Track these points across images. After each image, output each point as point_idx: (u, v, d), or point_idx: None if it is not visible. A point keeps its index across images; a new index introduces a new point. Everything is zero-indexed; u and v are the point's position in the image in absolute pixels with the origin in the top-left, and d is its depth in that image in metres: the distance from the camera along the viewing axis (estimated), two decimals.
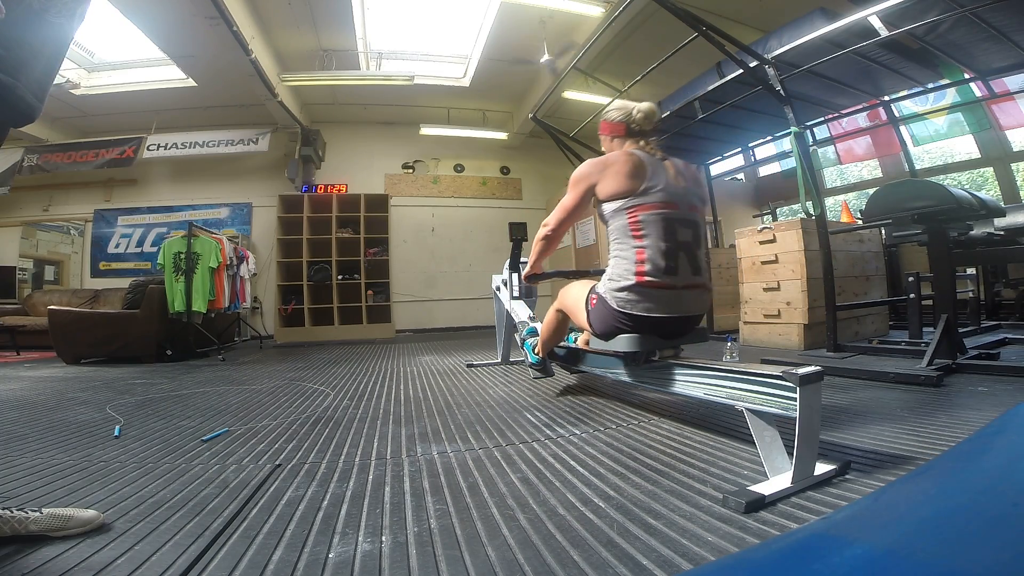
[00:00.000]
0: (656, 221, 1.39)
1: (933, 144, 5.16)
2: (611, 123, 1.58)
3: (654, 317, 1.42)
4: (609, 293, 1.45)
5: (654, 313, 1.41)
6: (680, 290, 1.42)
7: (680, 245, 1.41)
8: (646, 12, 4.05)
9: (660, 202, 1.40)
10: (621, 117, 1.56)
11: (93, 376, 3.17)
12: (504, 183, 7.58)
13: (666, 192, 1.42)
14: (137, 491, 1.12)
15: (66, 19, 0.88)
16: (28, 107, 0.84)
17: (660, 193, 1.41)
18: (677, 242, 1.41)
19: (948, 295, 2.30)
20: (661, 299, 1.41)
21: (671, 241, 1.40)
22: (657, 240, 1.39)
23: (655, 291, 1.39)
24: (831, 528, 0.45)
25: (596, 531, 0.86)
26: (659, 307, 1.41)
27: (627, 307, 1.42)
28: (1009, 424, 0.59)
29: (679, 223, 1.42)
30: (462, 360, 3.41)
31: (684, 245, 1.42)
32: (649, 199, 1.40)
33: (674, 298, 1.42)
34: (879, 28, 2.78)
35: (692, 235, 1.45)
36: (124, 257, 6.46)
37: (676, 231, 1.41)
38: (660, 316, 1.42)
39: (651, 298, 1.40)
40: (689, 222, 1.45)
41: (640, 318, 1.42)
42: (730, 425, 1.47)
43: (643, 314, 1.41)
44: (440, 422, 1.72)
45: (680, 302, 1.43)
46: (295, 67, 5.38)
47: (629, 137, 1.56)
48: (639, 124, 1.55)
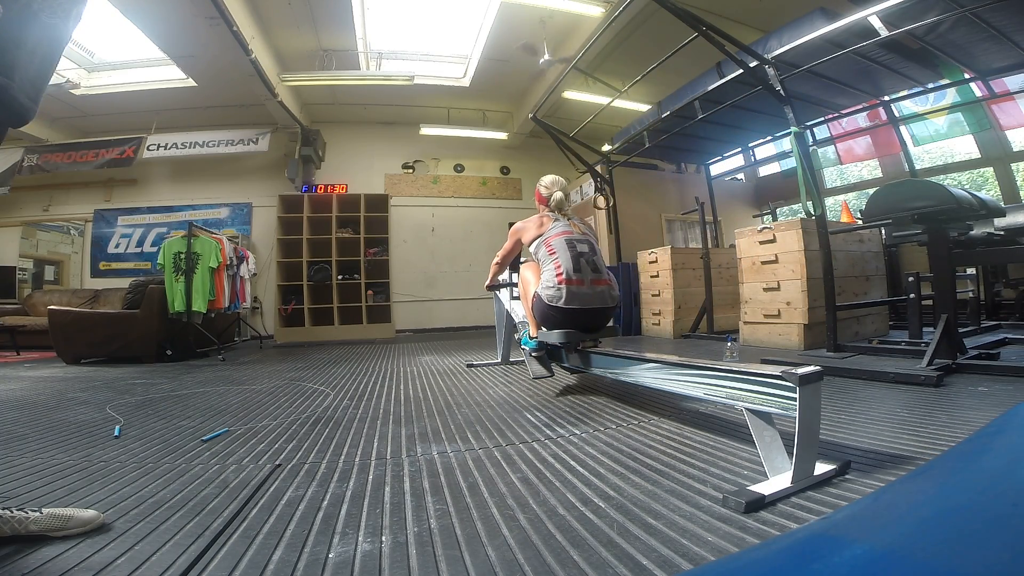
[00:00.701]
0: (560, 243, 2.05)
1: (933, 144, 5.16)
2: (539, 195, 2.30)
3: (572, 308, 1.96)
4: (543, 292, 2.02)
5: (572, 304, 1.96)
6: (589, 285, 1.99)
7: (580, 255, 2.03)
8: (646, 12, 4.05)
9: (560, 232, 2.09)
10: (546, 195, 2.27)
11: (93, 376, 3.17)
12: (504, 183, 7.58)
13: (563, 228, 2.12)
14: (137, 491, 1.12)
15: (62, 19, 0.87)
16: (22, 108, 0.84)
17: (559, 228, 2.11)
18: (578, 252, 2.03)
19: (948, 295, 2.30)
20: (576, 294, 1.96)
21: (573, 251, 2.03)
22: (565, 253, 2.02)
23: (571, 287, 1.96)
24: (831, 528, 0.45)
25: (596, 531, 0.86)
26: (575, 300, 1.96)
27: (554, 301, 1.98)
28: (1009, 424, 0.59)
29: (577, 242, 2.07)
30: (462, 360, 3.41)
31: (583, 254, 2.04)
32: (553, 232, 2.11)
33: (585, 293, 1.98)
34: (879, 28, 2.78)
35: (588, 248, 2.08)
36: (124, 257, 6.46)
37: (576, 246, 2.05)
38: (576, 307, 1.96)
39: (569, 293, 1.95)
40: (583, 241, 2.09)
41: (563, 309, 1.97)
42: (730, 425, 1.47)
43: (565, 306, 1.96)
44: (440, 422, 1.72)
45: (589, 296, 1.98)
46: (295, 67, 5.38)
47: (547, 207, 2.26)
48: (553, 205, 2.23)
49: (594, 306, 1.99)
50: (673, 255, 4.45)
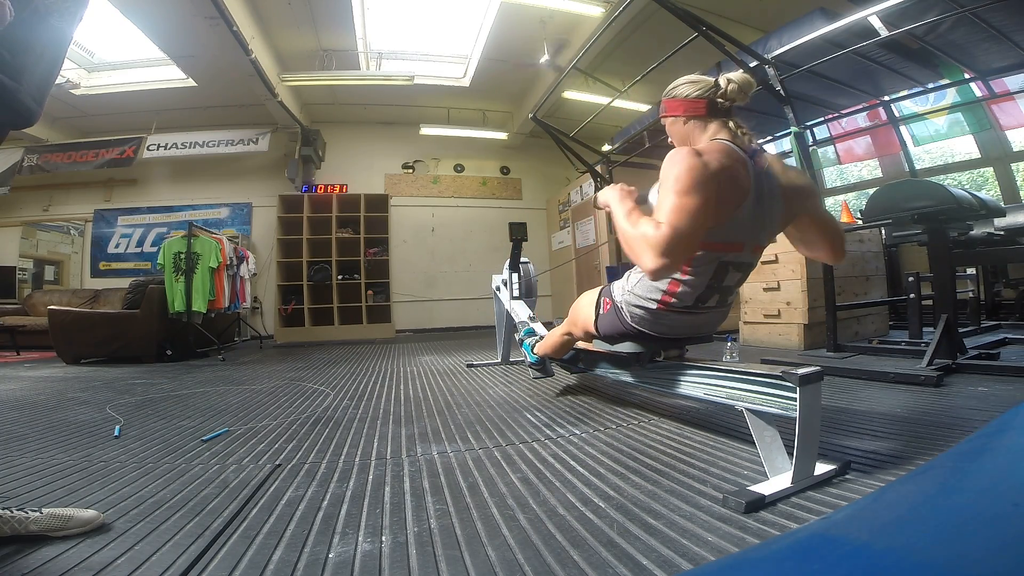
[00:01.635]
0: (710, 263, 1.17)
1: (933, 144, 5.16)
2: (684, 100, 1.22)
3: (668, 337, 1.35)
4: (626, 305, 1.33)
5: (669, 335, 1.34)
6: (703, 313, 1.30)
7: (721, 288, 1.24)
8: (646, 12, 4.05)
9: (727, 242, 1.14)
10: (700, 92, 1.19)
11: (93, 376, 3.17)
12: (504, 183, 7.58)
13: (741, 226, 1.12)
14: (137, 491, 1.12)
15: (67, 22, 0.88)
16: (28, 111, 0.84)
17: (734, 227, 1.11)
18: (720, 286, 1.23)
19: (948, 295, 2.30)
20: (679, 322, 1.30)
21: (715, 285, 1.22)
22: (699, 280, 1.19)
23: (674, 315, 1.28)
24: (831, 528, 0.45)
25: (596, 531, 0.86)
26: (675, 329, 1.32)
27: (642, 325, 1.31)
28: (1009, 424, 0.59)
29: (734, 267, 1.20)
30: (462, 360, 3.41)
31: (726, 288, 1.25)
32: (719, 237, 1.11)
33: (692, 323, 1.31)
34: (879, 28, 2.78)
35: (739, 279, 1.26)
36: (124, 257, 6.46)
37: (726, 275, 1.21)
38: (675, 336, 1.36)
39: (668, 322, 1.30)
40: (745, 266, 1.23)
41: (649, 336, 1.34)
42: (730, 425, 1.47)
43: (657, 334, 1.33)
44: (440, 422, 1.72)
45: (697, 324, 1.33)
46: (295, 67, 5.38)
47: (713, 118, 1.18)
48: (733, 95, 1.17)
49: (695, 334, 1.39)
50: None
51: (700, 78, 1.23)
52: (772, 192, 1.15)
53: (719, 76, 1.20)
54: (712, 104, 1.19)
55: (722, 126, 1.18)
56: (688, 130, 1.22)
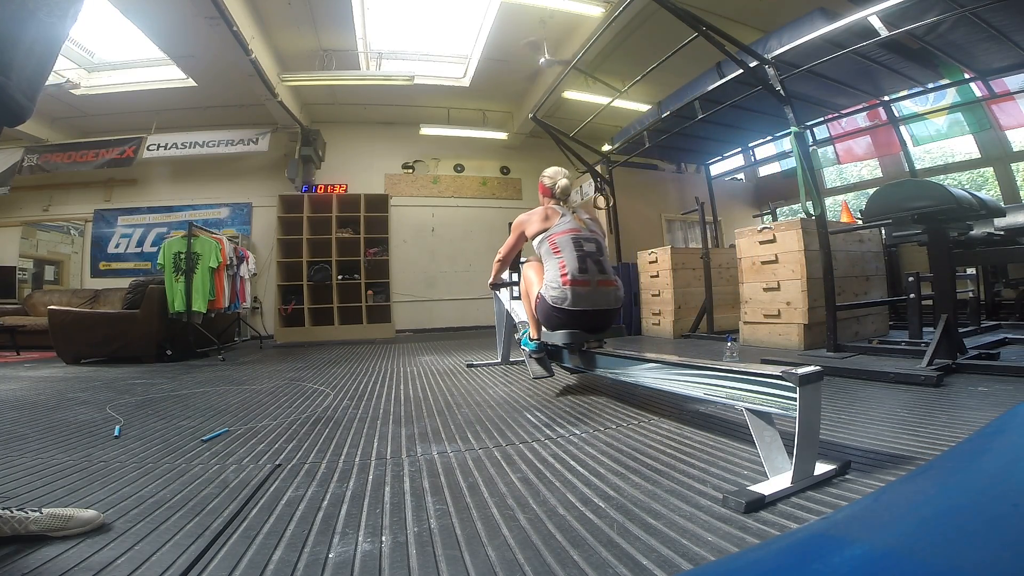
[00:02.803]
0: (566, 240, 1.98)
1: (933, 144, 5.16)
2: (543, 186, 2.21)
3: (578, 310, 1.89)
4: (547, 294, 1.95)
5: (577, 306, 1.89)
6: (595, 287, 1.92)
7: (587, 254, 1.95)
8: (646, 12, 4.05)
9: (567, 229, 2.01)
10: (549, 184, 2.18)
11: (93, 376, 3.17)
12: (504, 183, 7.58)
13: (570, 224, 2.03)
14: (137, 491, 1.12)
15: (59, 19, 0.87)
16: (19, 107, 0.84)
17: (566, 225, 2.03)
18: (584, 251, 1.96)
19: (948, 295, 2.30)
20: (581, 295, 1.89)
21: (580, 251, 1.95)
22: (570, 251, 1.94)
23: (576, 288, 1.89)
24: (831, 528, 0.45)
25: (596, 531, 0.86)
26: (581, 302, 1.89)
27: (559, 303, 1.91)
28: (1009, 424, 0.59)
29: (583, 240, 1.99)
30: (462, 360, 3.41)
31: (590, 254, 1.96)
32: (558, 228, 2.02)
33: (591, 293, 1.91)
34: (879, 28, 2.78)
35: (595, 247, 2.00)
36: (124, 257, 6.46)
37: (582, 245, 1.98)
38: (582, 309, 1.90)
39: (574, 295, 1.88)
40: (590, 239, 2.01)
41: (568, 311, 1.90)
42: (730, 425, 1.47)
43: (570, 307, 1.89)
44: (440, 422, 1.72)
45: (595, 297, 1.92)
46: (295, 67, 5.38)
47: (551, 198, 2.19)
48: (558, 194, 2.17)
49: (600, 308, 1.93)
50: (673, 255, 4.45)
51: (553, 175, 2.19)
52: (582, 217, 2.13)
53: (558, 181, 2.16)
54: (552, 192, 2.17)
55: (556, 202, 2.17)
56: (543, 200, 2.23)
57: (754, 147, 6.50)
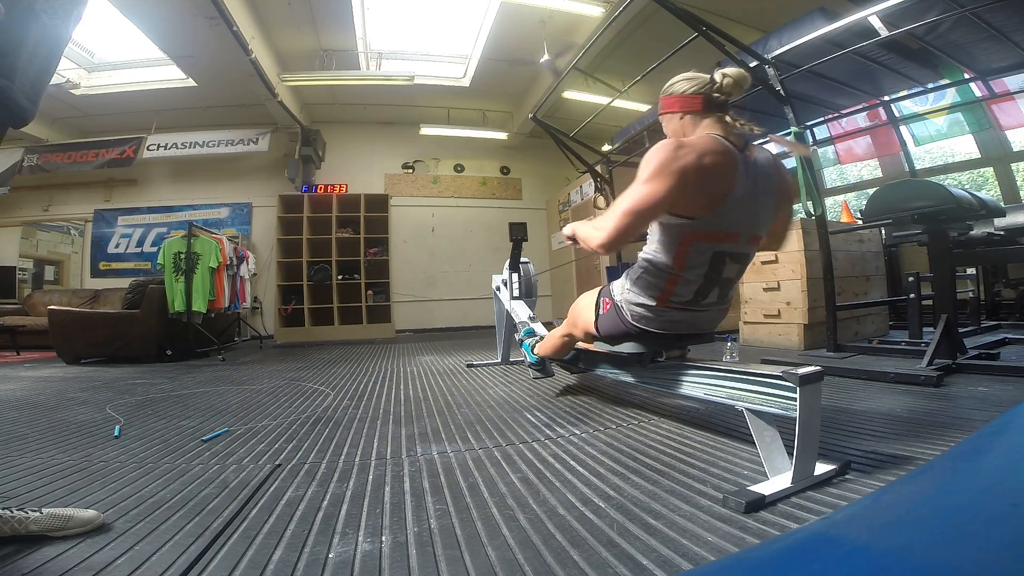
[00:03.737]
0: (707, 253, 1.18)
1: (933, 144, 5.16)
2: (681, 96, 1.22)
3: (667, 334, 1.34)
4: (626, 304, 1.33)
5: (669, 332, 1.33)
6: (703, 311, 1.31)
7: (721, 281, 1.25)
8: (646, 12, 4.05)
9: (722, 232, 1.16)
10: (696, 88, 1.21)
11: (93, 376, 3.17)
12: (504, 183, 7.57)
13: (734, 216, 1.15)
14: (137, 491, 1.12)
15: (63, 20, 0.87)
16: (21, 109, 0.84)
17: (728, 218, 1.14)
18: (720, 278, 1.24)
19: (948, 295, 2.30)
20: (680, 320, 1.31)
21: (713, 277, 1.22)
22: (698, 273, 1.21)
23: (674, 312, 1.29)
24: (831, 528, 0.45)
25: (596, 531, 0.86)
26: (675, 327, 1.32)
27: (642, 323, 1.32)
28: (1009, 424, 0.59)
29: (731, 257, 1.21)
30: (462, 360, 3.41)
31: (725, 281, 1.26)
32: (713, 226, 1.14)
33: (693, 318, 1.32)
34: (879, 28, 2.78)
35: (738, 271, 1.27)
36: (124, 257, 6.46)
37: (724, 267, 1.22)
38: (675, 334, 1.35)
39: (669, 319, 1.30)
40: (742, 256, 1.25)
41: (653, 333, 1.34)
42: (730, 425, 1.47)
43: (657, 331, 1.32)
44: (440, 422, 1.72)
45: (698, 322, 1.33)
46: (295, 67, 5.38)
47: (708, 113, 1.19)
48: (728, 89, 1.18)
49: (695, 332, 1.37)
50: None
51: (696, 75, 1.24)
52: (768, 186, 1.19)
53: (715, 72, 1.21)
54: (708, 99, 1.20)
55: (716, 121, 1.20)
56: (683, 125, 1.24)
57: None
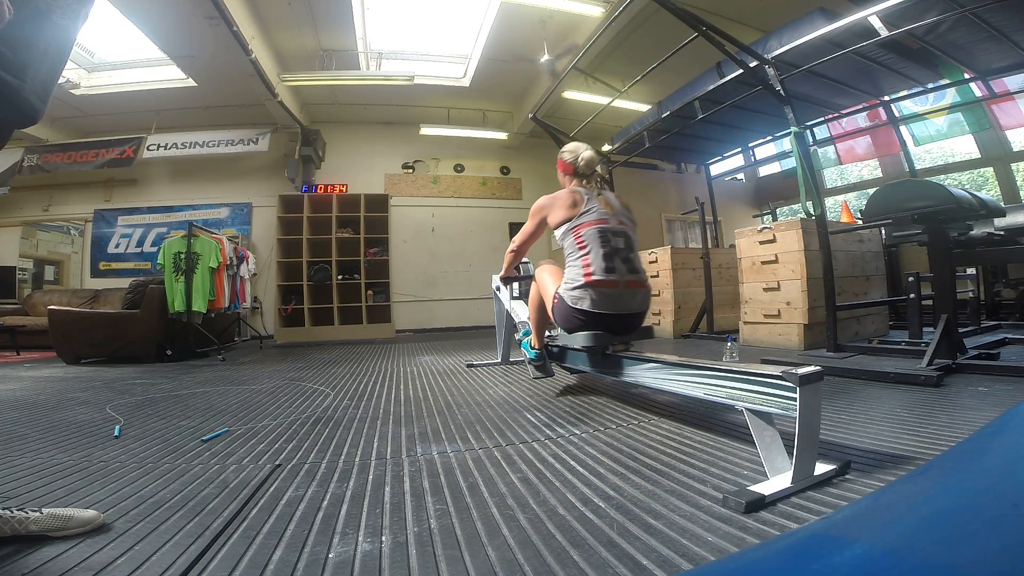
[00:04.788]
0: (594, 234, 1.74)
1: (933, 144, 5.16)
2: (563, 163, 1.94)
3: (601, 313, 1.70)
4: (566, 293, 1.75)
5: (601, 309, 1.70)
6: (622, 288, 1.72)
7: (615, 251, 1.73)
8: (646, 12, 4.05)
9: (595, 220, 1.76)
10: (570, 160, 1.92)
11: (93, 376, 3.17)
12: (504, 183, 7.57)
13: (598, 213, 1.78)
14: (137, 491, 1.12)
15: (71, 20, 0.87)
16: (32, 109, 0.84)
17: (594, 214, 1.77)
18: (612, 248, 1.73)
19: (948, 295, 2.30)
20: (607, 296, 1.70)
21: (607, 247, 1.72)
22: (597, 248, 1.72)
23: (601, 288, 1.69)
24: (831, 528, 0.45)
25: (596, 531, 0.86)
26: (605, 303, 1.70)
27: (579, 303, 1.71)
28: (1009, 424, 0.59)
29: (612, 234, 1.76)
30: (462, 360, 3.41)
31: (618, 250, 1.74)
32: (586, 219, 1.76)
33: (617, 295, 1.71)
34: (879, 28, 2.78)
35: (624, 242, 1.77)
36: (124, 257, 6.46)
37: (610, 240, 1.75)
38: (606, 312, 1.70)
39: (599, 295, 1.69)
40: (620, 233, 1.78)
41: (591, 313, 1.70)
42: (730, 425, 1.47)
43: (592, 310, 1.69)
44: (440, 422, 1.72)
45: (622, 299, 1.72)
46: (295, 67, 5.38)
47: (575, 176, 1.92)
48: (582, 169, 1.90)
49: (626, 311, 1.74)
50: (673, 255, 4.44)
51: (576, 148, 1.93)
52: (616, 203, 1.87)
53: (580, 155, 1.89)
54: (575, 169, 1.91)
55: (579, 183, 1.90)
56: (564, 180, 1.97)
57: (754, 147, 6.50)
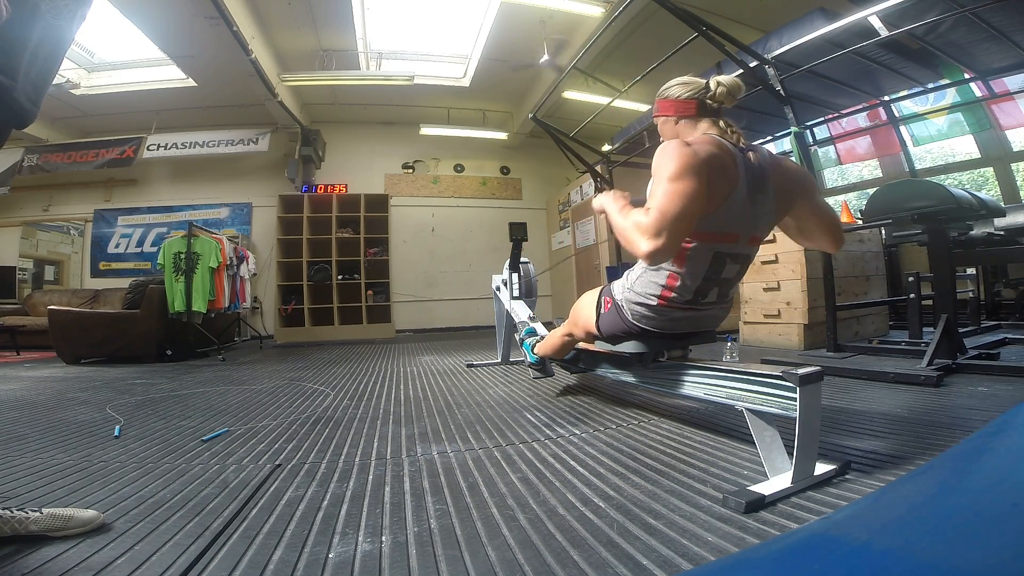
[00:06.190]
0: (706, 253, 1.18)
1: (933, 144, 5.16)
2: (676, 101, 1.25)
3: (668, 333, 1.35)
4: (626, 303, 1.33)
5: (669, 331, 1.33)
6: (701, 311, 1.31)
7: (720, 281, 1.24)
8: (646, 12, 4.05)
9: (721, 232, 1.16)
10: (690, 93, 1.23)
11: (93, 376, 3.17)
12: (504, 183, 7.58)
13: (734, 216, 1.15)
14: (137, 491, 1.12)
15: (66, 21, 0.87)
16: (23, 110, 0.83)
17: (727, 216, 1.14)
18: (719, 278, 1.23)
19: (948, 295, 2.30)
20: (680, 319, 1.30)
21: (713, 277, 1.22)
22: (697, 270, 1.20)
23: (675, 311, 1.28)
24: (831, 528, 0.45)
25: (596, 531, 0.86)
26: (676, 326, 1.32)
27: (643, 322, 1.32)
28: (1009, 424, 0.59)
29: (731, 258, 1.21)
30: (462, 360, 3.41)
31: (724, 281, 1.25)
32: (712, 226, 1.14)
33: (693, 318, 1.32)
34: (879, 28, 2.78)
35: (738, 271, 1.26)
36: (124, 257, 6.46)
37: (724, 267, 1.21)
38: (675, 333, 1.35)
39: (669, 318, 1.30)
40: (742, 257, 1.24)
41: (653, 333, 1.34)
42: (730, 425, 1.47)
43: (657, 330, 1.33)
44: (440, 422, 1.72)
45: (698, 321, 1.34)
46: (295, 67, 5.38)
47: (703, 117, 1.23)
48: (721, 97, 1.21)
49: (696, 330, 1.39)
50: None
51: (692, 80, 1.27)
52: (764, 185, 1.18)
53: (711, 78, 1.24)
54: (702, 104, 1.23)
55: (711, 125, 1.22)
56: (679, 129, 1.26)
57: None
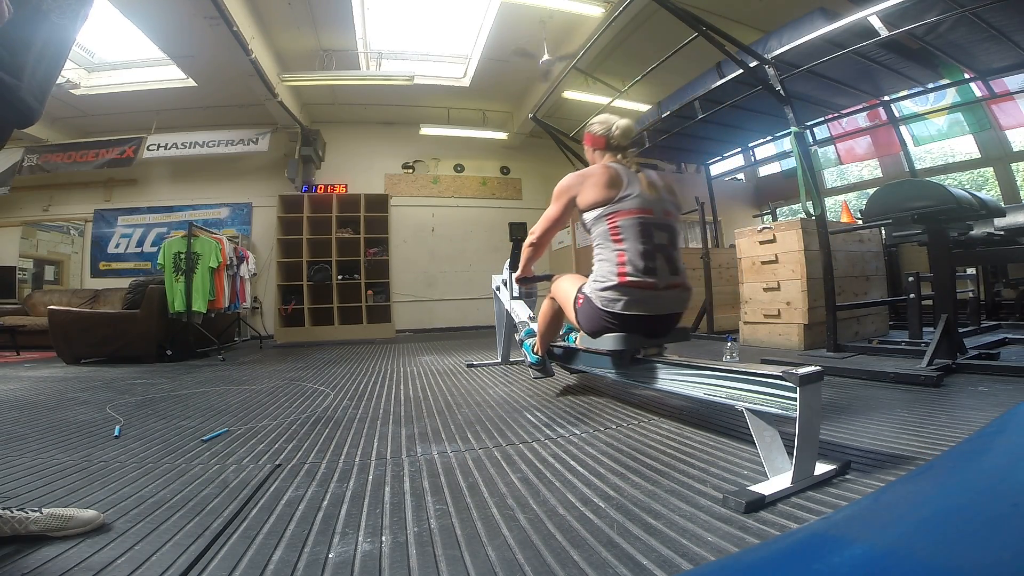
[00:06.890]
0: (633, 226, 1.50)
1: (933, 144, 5.16)
2: (593, 136, 1.70)
3: (636, 315, 1.51)
4: (594, 293, 1.55)
5: (636, 311, 1.51)
6: (660, 290, 1.52)
7: (657, 247, 1.51)
8: (646, 12, 4.05)
9: (636, 208, 1.52)
10: (602, 131, 1.67)
11: (93, 376, 3.17)
12: (504, 183, 7.57)
13: (641, 199, 1.53)
14: (137, 491, 1.12)
15: (70, 20, 0.87)
16: (28, 109, 0.84)
17: (635, 200, 1.52)
18: (654, 244, 1.51)
19: (948, 295, 2.30)
20: (642, 299, 1.50)
21: (648, 243, 1.50)
22: (635, 243, 1.49)
23: (636, 291, 1.49)
24: (831, 528, 0.45)
25: (596, 531, 0.86)
26: (640, 306, 1.51)
27: (611, 306, 1.51)
28: (1009, 424, 0.59)
29: (655, 227, 1.53)
30: (462, 360, 3.41)
31: (661, 247, 1.52)
32: (625, 206, 1.52)
33: (654, 298, 1.52)
34: (879, 28, 2.78)
35: (668, 238, 1.56)
36: (124, 257, 6.46)
37: (652, 234, 1.52)
38: (641, 314, 1.52)
39: (633, 297, 1.49)
40: (664, 226, 1.56)
41: (623, 316, 1.51)
42: (730, 425, 1.47)
43: (625, 312, 1.50)
44: (440, 422, 1.72)
45: (660, 301, 1.54)
46: (295, 67, 5.38)
47: (608, 151, 1.68)
48: (617, 140, 1.66)
49: (663, 313, 1.56)
50: None
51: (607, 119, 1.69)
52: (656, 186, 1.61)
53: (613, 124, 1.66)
54: (608, 141, 1.66)
55: (612, 157, 1.65)
56: (594, 157, 1.72)
57: (754, 147, 6.49)
